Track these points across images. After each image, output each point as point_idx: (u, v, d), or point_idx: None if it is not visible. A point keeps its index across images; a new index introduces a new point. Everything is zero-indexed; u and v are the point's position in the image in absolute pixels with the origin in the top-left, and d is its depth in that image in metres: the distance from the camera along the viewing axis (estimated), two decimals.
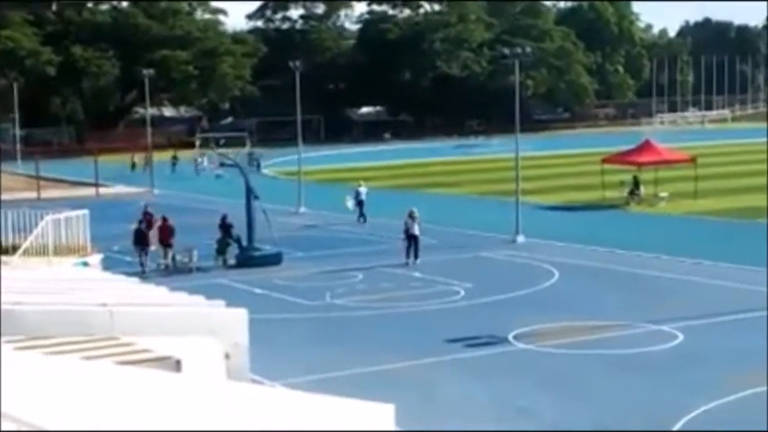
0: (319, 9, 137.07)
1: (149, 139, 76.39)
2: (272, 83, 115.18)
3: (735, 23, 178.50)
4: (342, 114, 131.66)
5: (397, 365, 24.41)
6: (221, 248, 39.09)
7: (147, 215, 40.60)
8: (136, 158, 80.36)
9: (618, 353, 25.23)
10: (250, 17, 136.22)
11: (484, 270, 37.03)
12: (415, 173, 77.32)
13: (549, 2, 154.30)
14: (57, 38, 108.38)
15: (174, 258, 38.31)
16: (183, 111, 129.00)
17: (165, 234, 38.68)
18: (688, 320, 28.05)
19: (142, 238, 38.54)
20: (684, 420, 19.72)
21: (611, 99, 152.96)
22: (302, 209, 54.52)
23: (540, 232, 43.51)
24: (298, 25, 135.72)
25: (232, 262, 38.78)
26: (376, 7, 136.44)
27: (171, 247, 38.52)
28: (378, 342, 26.88)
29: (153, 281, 24.07)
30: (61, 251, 28.15)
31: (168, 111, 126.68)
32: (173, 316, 11.17)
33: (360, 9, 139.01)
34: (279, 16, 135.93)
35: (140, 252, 38.25)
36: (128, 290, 14.36)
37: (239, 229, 39.34)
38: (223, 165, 59.36)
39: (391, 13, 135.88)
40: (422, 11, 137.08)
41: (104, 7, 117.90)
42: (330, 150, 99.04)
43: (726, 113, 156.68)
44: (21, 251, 27.98)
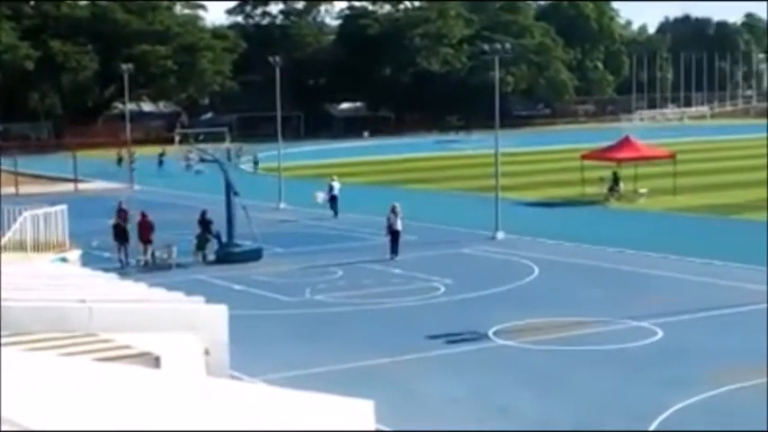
0: (299, 5, 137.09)
1: (128, 135, 76.12)
2: (252, 78, 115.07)
3: (714, 20, 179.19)
4: (322, 110, 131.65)
5: (377, 362, 24.39)
6: (201, 244, 38.99)
7: (121, 212, 40.33)
8: (123, 153, 79.38)
9: (598, 349, 25.28)
10: (230, 12, 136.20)
11: (464, 266, 37.05)
12: (394, 169, 77.36)
13: None
14: (35, 32, 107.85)
15: (154, 254, 38.18)
16: (163, 106, 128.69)
17: (145, 230, 38.51)
18: (667, 316, 28.12)
19: (121, 234, 38.41)
20: (662, 417, 19.77)
21: (590, 95, 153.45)
22: (282, 205, 54.47)
23: (520, 228, 43.56)
24: (278, 21, 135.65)
25: (212, 258, 38.69)
26: (356, 3, 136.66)
27: (150, 243, 38.37)
28: (358, 338, 26.86)
29: (132, 277, 24.00)
30: (40, 247, 28.00)
31: (147, 106, 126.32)
32: (152, 312, 11.13)
33: (340, 5, 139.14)
34: (259, 12, 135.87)
35: (120, 248, 38.14)
36: (107, 286, 14.30)
37: (219, 224, 39.25)
38: (203, 160, 59.22)
39: (371, 8, 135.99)
40: (402, 7, 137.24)
41: (83, 2, 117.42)
42: (310, 146, 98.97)
43: (705, 110, 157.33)
44: None
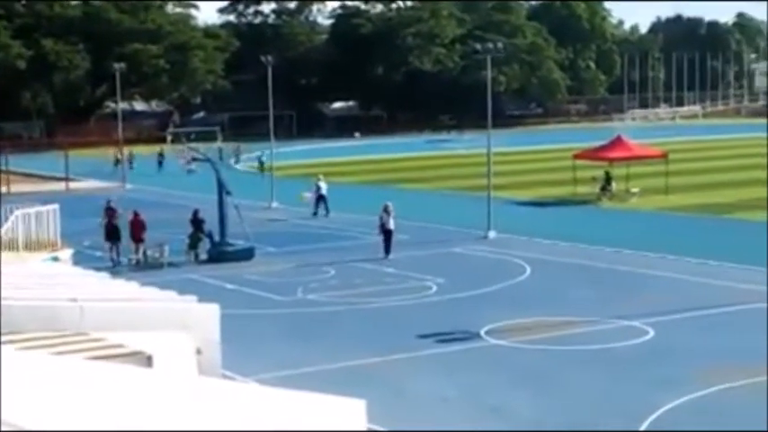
0: (292, 4, 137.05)
1: (120, 134, 75.97)
2: (244, 77, 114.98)
3: (705, 20, 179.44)
4: (314, 109, 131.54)
5: (369, 361, 24.41)
6: (193, 243, 38.96)
7: (109, 210, 40.32)
8: (118, 154, 78.34)
9: (589, 348, 25.31)
10: (222, 11, 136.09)
11: (456, 265, 37.06)
12: (387, 168, 77.33)
13: None
14: (27, 31, 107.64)
15: (146, 253, 38.15)
16: (155, 105, 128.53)
17: (137, 229, 38.49)
18: (659, 316, 28.17)
19: (113, 232, 38.38)
20: (653, 417, 19.81)
21: (582, 95, 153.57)
22: (274, 204, 54.45)
23: (512, 228, 43.58)
24: (270, 20, 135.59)
25: (204, 257, 38.66)
26: (348, 2, 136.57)
27: (142, 242, 38.35)
28: (350, 338, 26.86)
29: (124, 276, 23.95)
30: (31, 246, 27.96)
31: (139, 105, 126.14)
32: (144, 311, 11.13)
33: (332, 4, 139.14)
34: (251, 11, 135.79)
35: (111, 247, 38.11)
36: (98, 285, 14.30)
37: (211, 224, 39.23)
38: (195, 159, 59.15)
39: (364, 8, 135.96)
40: (394, 6, 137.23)
41: (75, 1, 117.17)
42: (302, 145, 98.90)
43: (697, 109, 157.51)
44: None
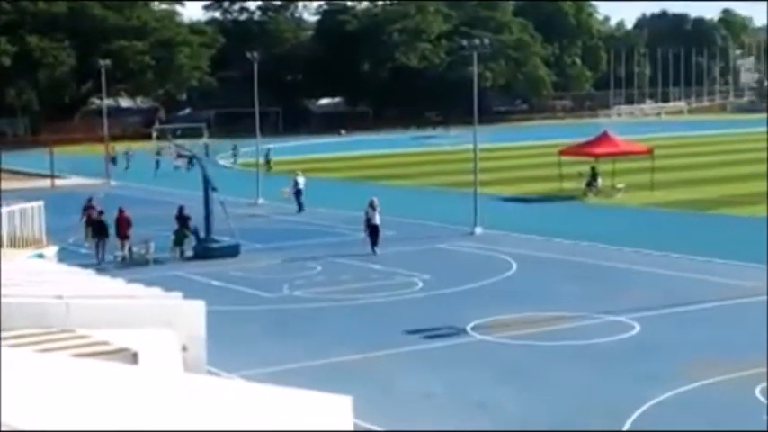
0: (277, 1, 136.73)
1: (106, 131, 75.76)
2: (230, 74, 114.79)
3: (691, 16, 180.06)
4: (300, 105, 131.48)
5: (355, 357, 24.41)
6: (179, 240, 38.91)
7: (89, 208, 40.41)
8: (112, 151, 77.48)
9: (575, 344, 25.36)
10: (207, 8, 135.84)
11: (442, 261, 37.10)
12: (373, 164, 77.35)
13: None
14: (12, 28, 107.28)
15: (131, 250, 38.09)
16: (140, 102, 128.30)
17: (122, 226, 38.43)
18: (644, 311, 28.24)
19: (98, 229, 38.32)
20: (639, 412, 19.85)
21: (568, 91, 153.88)
22: (260, 200, 54.42)
23: (498, 224, 43.64)
24: (255, 16, 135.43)
25: (189, 254, 38.61)
26: None
27: (128, 238, 38.29)
28: (336, 334, 26.86)
29: (109, 273, 23.94)
30: (16, 243, 27.87)
31: (125, 102, 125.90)
32: (129, 308, 11.10)
33: (318, 0, 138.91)
34: (236, 7, 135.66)
35: (98, 244, 38.05)
36: (84, 282, 14.26)
37: (197, 220, 39.18)
38: (181, 156, 59.07)
39: (350, 4, 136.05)
40: (380, 2, 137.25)
41: None
42: (288, 142, 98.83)
43: (682, 105, 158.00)
44: None
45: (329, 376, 21.91)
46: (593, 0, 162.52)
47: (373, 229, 38.72)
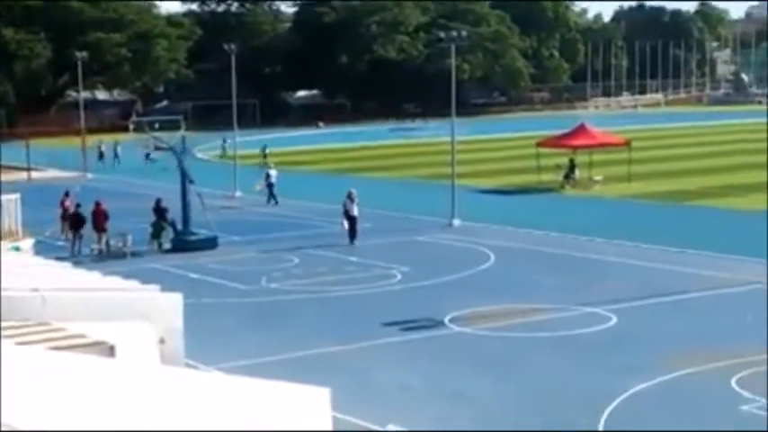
0: None
1: (83, 123, 75.45)
2: (208, 66, 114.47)
3: (668, 8, 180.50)
4: (278, 98, 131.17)
5: (332, 349, 24.42)
6: (156, 233, 38.79)
7: (63, 202, 40.57)
8: (103, 147, 75.82)
9: (553, 335, 25.44)
10: (185, 0, 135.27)
11: (420, 254, 37.13)
12: (351, 156, 77.30)
13: None
14: None
15: (108, 243, 37.94)
16: (117, 94, 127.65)
17: (99, 219, 38.27)
18: (621, 303, 28.36)
19: (77, 222, 38.18)
20: (616, 402, 19.93)
21: (546, 83, 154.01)
22: (238, 193, 54.33)
23: (476, 216, 43.70)
24: (233, 8, 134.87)
25: (167, 246, 38.51)
26: None
27: (105, 231, 38.14)
28: (314, 326, 26.87)
29: (86, 266, 23.84)
30: None
31: (102, 94, 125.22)
32: (106, 301, 11.06)
33: None
34: None
35: (74, 236, 37.90)
36: (60, 275, 14.21)
37: (174, 213, 39.07)
38: (159, 148, 58.84)
39: None
40: None
41: None
42: (266, 134, 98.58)
43: (659, 97, 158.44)
44: None
45: (307, 368, 21.92)
46: None
47: (351, 221, 38.72)
